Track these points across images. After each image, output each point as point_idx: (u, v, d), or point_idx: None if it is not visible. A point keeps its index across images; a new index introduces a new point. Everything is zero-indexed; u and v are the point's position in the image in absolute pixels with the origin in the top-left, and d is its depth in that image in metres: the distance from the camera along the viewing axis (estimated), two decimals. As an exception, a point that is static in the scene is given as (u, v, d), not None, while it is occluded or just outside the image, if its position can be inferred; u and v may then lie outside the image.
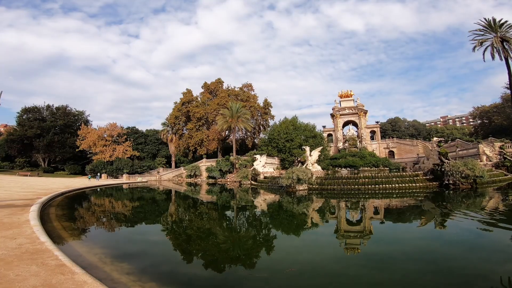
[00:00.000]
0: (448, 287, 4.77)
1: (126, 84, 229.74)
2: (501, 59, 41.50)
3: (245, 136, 66.10)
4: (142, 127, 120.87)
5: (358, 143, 55.41)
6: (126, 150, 66.74)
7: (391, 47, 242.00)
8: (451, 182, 19.92)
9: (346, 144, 55.23)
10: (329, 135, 63.67)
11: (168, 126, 67.01)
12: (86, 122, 75.87)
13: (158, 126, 78.05)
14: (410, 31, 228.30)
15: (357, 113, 60.01)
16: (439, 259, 6.18)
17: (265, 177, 35.43)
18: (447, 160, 21.49)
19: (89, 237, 9.72)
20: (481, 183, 20.03)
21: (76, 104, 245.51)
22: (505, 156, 30.65)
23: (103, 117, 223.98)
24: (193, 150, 61.73)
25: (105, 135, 66.83)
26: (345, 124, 62.77)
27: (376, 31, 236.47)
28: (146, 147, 73.98)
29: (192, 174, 52.65)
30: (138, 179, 56.34)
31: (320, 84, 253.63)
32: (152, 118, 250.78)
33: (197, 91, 68.02)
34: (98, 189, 34.24)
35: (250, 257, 7.19)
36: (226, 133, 63.51)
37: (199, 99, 65.39)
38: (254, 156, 42.74)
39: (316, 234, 9.68)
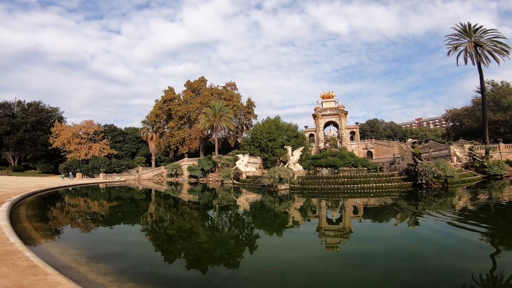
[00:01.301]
0: (424, 285, 4.98)
1: (104, 80, 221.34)
2: (473, 63, 42.95)
3: (228, 135, 65.81)
4: (121, 125, 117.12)
5: (339, 144, 56.82)
6: (103, 149, 64.36)
7: (373, 50, 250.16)
8: (424, 181, 20.88)
9: (327, 144, 56.47)
10: (311, 135, 64.79)
11: (148, 124, 65.35)
12: (60, 119, 72.43)
13: (138, 124, 76.01)
14: (392, 34, 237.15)
15: (338, 114, 61.49)
16: (414, 257, 6.46)
17: (247, 177, 35.47)
18: (420, 161, 22.50)
19: (62, 238, 9.33)
20: (452, 182, 21.19)
21: (51, 100, 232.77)
22: (474, 157, 32.59)
23: (79, 114, 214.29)
24: (175, 149, 60.62)
25: (81, 133, 64.09)
26: (327, 124, 64.13)
27: (359, 33, 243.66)
28: (124, 146, 71.75)
29: (173, 173, 51.70)
30: (116, 178, 54.53)
31: (304, 84, 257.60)
32: (132, 116, 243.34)
33: (179, 89, 66.92)
34: (71, 189, 32.81)
35: (234, 256, 7.19)
36: (209, 132, 62.90)
37: (181, 97, 64.30)
38: (237, 155, 42.65)
39: (298, 233, 9.84)
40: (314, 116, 63.93)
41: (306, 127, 65.44)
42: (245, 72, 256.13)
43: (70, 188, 33.39)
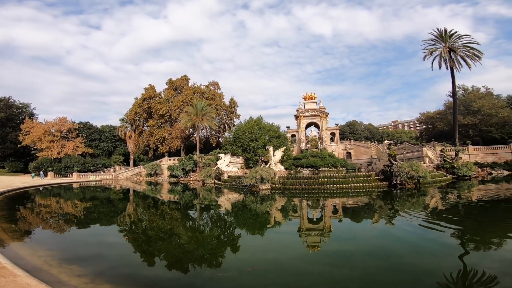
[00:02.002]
0: (401, 282, 5.21)
1: (81, 76, 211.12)
2: (447, 68, 44.29)
3: (210, 135, 65.16)
4: (98, 123, 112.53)
5: (319, 144, 57.97)
6: (77, 147, 61.52)
7: (354, 53, 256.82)
8: (398, 182, 21.78)
9: (308, 145, 57.44)
10: (293, 135, 65.61)
11: (127, 122, 63.29)
12: (32, 116, 68.48)
13: (115, 122, 73.45)
14: (373, 37, 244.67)
15: (319, 115, 62.70)
16: (391, 256, 6.73)
17: (229, 176, 35.32)
18: (395, 162, 23.45)
19: (33, 239, 8.89)
20: (424, 183, 22.28)
21: (22, 96, 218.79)
22: (445, 158, 34.46)
23: (52, 111, 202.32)
24: (154, 148, 59.15)
25: (53, 130, 60.83)
26: (308, 125, 65.20)
27: (343, 36, 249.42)
28: (101, 144, 69.01)
29: (152, 172, 50.42)
30: (91, 178, 52.34)
31: (287, 85, 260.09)
32: (109, 113, 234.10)
33: (161, 87, 65.36)
34: (41, 189, 31.19)
35: (216, 257, 7.16)
36: (190, 131, 61.94)
37: (162, 95, 62.85)
38: (218, 155, 42.32)
39: (280, 233, 9.95)
40: (296, 117, 64.80)
41: (288, 127, 66.18)
42: (229, 72, 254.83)
43: (41, 188, 31.67)
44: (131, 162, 63.98)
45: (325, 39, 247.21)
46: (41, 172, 51.83)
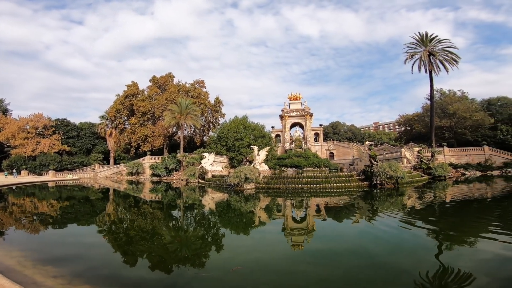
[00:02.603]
0: (382, 280, 5.38)
1: (59, 72, 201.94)
2: (426, 72, 45.48)
3: (194, 134, 64.32)
4: (76, 120, 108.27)
5: (303, 144, 58.70)
6: (54, 144, 58.83)
7: (340, 54, 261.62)
8: (378, 182, 22.48)
9: (293, 145, 57.99)
10: (277, 135, 66.05)
11: (107, 119, 61.27)
12: (5, 111, 64.98)
13: (95, 119, 70.62)
14: (358, 40, 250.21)
15: (303, 116, 63.49)
16: (372, 254, 6.93)
17: (213, 176, 35.07)
18: (376, 162, 24.19)
19: (5, 239, 8.52)
20: (402, 183, 23.13)
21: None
22: (421, 159, 35.91)
23: (28, 106, 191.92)
24: (136, 146, 57.61)
25: (28, 127, 57.84)
26: (293, 125, 65.85)
27: (329, 38, 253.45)
28: (79, 142, 66.35)
29: (134, 171, 49.13)
30: (68, 177, 50.29)
31: (273, 85, 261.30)
32: (89, 110, 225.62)
33: (144, 84, 63.88)
34: (14, 188, 29.65)
35: (200, 257, 7.10)
36: (174, 130, 60.84)
37: (145, 92, 61.30)
38: (203, 154, 41.92)
39: (264, 232, 10.00)
40: (281, 117, 65.28)
41: (273, 127, 66.55)
42: (215, 70, 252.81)
43: (14, 187, 30.09)
44: (111, 160, 61.99)
45: (312, 40, 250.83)
46: (14, 171, 49.24)
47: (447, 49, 45.26)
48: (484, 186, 24.24)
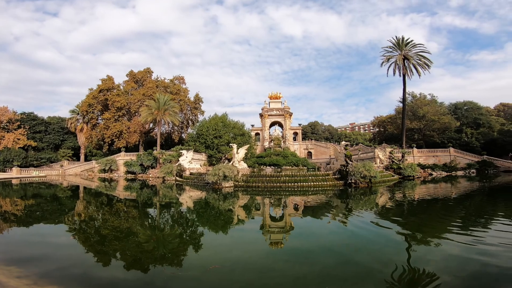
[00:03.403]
0: (356, 277, 5.58)
1: (28, 64, 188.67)
2: (400, 75, 47.14)
3: (172, 130, 62.86)
4: (45, 114, 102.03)
5: (282, 143, 59.30)
6: (18, 139, 55.09)
7: (321, 55, 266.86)
8: (353, 181, 23.28)
9: (272, 144, 58.39)
10: (257, 134, 66.24)
11: (78, 114, 58.28)
12: (-33, 105, 59.52)
13: (65, 114, 67.07)
14: (339, 42, 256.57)
15: (283, 115, 64.15)
16: (347, 251, 7.17)
17: (191, 173, 34.51)
18: (351, 162, 25.04)
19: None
20: (375, 182, 24.13)
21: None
22: (393, 160, 37.66)
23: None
24: (109, 142, 55.26)
25: (-11, 120, 53.63)
26: (272, 124, 66.30)
27: (312, 38, 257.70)
28: (47, 137, 62.52)
29: (106, 168, 47.12)
30: (34, 173, 47.24)
31: (254, 83, 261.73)
32: (59, 105, 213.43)
33: (120, 79, 61.60)
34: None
35: (178, 255, 6.97)
36: (151, 126, 59.09)
37: (121, 87, 58.89)
38: (180, 151, 41.06)
39: (243, 231, 10.02)
40: (261, 115, 65.53)
41: (252, 125, 66.62)
42: (197, 67, 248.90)
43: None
44: (82, 157, 59.10)
45: (295, 40, 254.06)
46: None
47: (420, 53, 46.89)
48: (449, 186, 25.91)
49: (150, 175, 42.96)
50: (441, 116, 54.32)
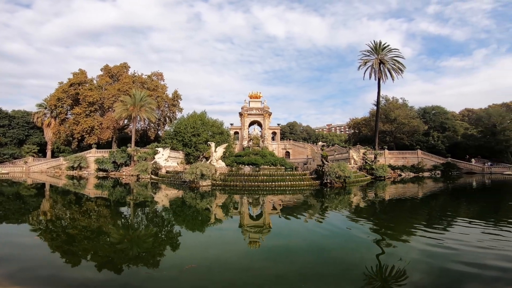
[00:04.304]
0: (334, 274, 5.71)
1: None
2: (375, 79, 48.76)
3: (148, 127, 60.94)
4: (9, 107, 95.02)
5: (261, 143, 59.68)
6: (-23, 133, 50.65)
7: (302, 57, 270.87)
8: (328, 181, 23.90)
9: (251, 143, 58.58)
10: (236, 132, 66.03)
11: (46, 108, 54.74)
12: None
13: (32, 108, 62.70)
14: (321, 44, 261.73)
15: (262, 114, 64.46)
16: (324, 249, 7.33)
17: (167, 172, 33.67)
18: (327, 162, 25.69)
19: None
20: (349, 182, 24.97)
21: None
22: (366, 161, 39.18)
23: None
24: (79, 138, 52.42)
25: None
26: (251, 123, 66.41)
27: (294, 39, 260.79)
28: (10, 131, 58.10)
29: (75, 165, 44.67)
30: (-6, 170, 43.70)
31: (235, 82, 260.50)
32: (26, 98, 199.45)
33: (95, 73, 58.54)
34: None
35: (153, 255, 6.77)
36: (125, 122, 56.84)
37: (94, 82, 56.06)
38: (157, 148, 39.91)
39: (222, 230, 9.95)
40: (241, 114, 65.42)
41: (231, 124, 66.30)
42: (177, 64, 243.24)
43: None
44: (48, 153, 55.59)
45: (278, 40, 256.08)
46: None
47: (395, 58, 48.64)
48: (416, 186, 27.45)
49: (124, 173, 41.36)
50: (411, 119, 57.22)
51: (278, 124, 73.41)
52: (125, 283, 5.10)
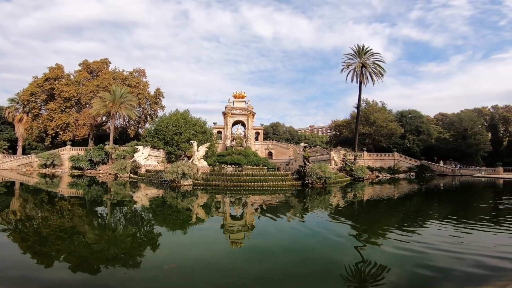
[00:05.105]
0: (315, 274, 5.78)
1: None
2: (357, 82, 49.89)
3: (128, 125, 59.15)
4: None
5: (244, 143, 59.64)
6: None
7: (288, 58, 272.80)
8: (310, 181, 24.31)
9: (234, 143, 58.38)
10: (219, 132, 65.62)
11: (18, 103, 51.93)
12: None
13: (3, 102, 59.11)
14: (306, 46, 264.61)
15: (246, 114, 64.48)
16: (305, 249, 7.42)
17: (147, 171, 32.85)
18: (308, 163, 26.11)
19: None
20: (330, 183, 25.52)
21: None
22: (346, 162, 40.21)
23: None
24: (53, 134, 49.97)
25: None
26: (235, 123, 66.24)
27: (281, 40, 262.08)
28: (-24, 126, 54.48)
29: (48, 163, 42.53)
30: (-43, 167, 40.73)
31: (220, 81, 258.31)
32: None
33: (73, 68, 56.00)
34: None
35: (132, 256, 6.59)
36: (103, 119, 54.85)
37: (72, 77, 53.68)
38: (136, 147, 38.81)
39: (203, 230, 9.85)
40: (224, 114, 65.08)
41: (215, 123, 65.83)
42: (161, 61, 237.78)
43: None
44: (19, 150, 52.70)
45: (265, 41, 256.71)
46: None
47: (377, 62, 49.91)
48: (392, 187, 28.52)
49: (101, 171, 39.90)
50: (389, 122, 59.39)
51: (262, 125, 73.76)
52: (102, 283, 4.93)
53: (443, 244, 7.66)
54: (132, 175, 32.66)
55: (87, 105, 51.22)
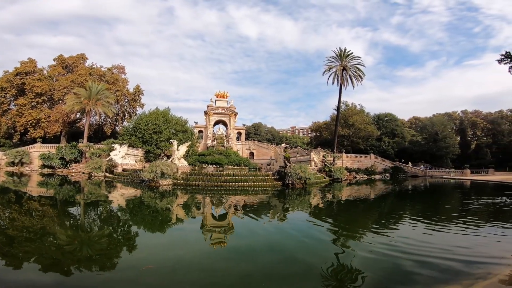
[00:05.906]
0: (296, 274, 5.80)
1: None
2: (337, 84, 50.78)
3: (104, 122, 56.97)
4: None
5: (225, 142, 59.22)
6: None
7: (272, 59, 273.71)
8: (290, 182, 24.57)
9: (215, 142, 57.78)
10: (200, 131, 64.75)
11: (-15, 98, 48.35)
12: None
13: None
14: (291, 47, 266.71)
15: (228, 114, 64.09)
16: (286, 249, 7.45)
17: (124, 170, 31.77)
18: (289, 164, 26.42)
19: None
20: (309, 183, 25.94)
21: None
22: (325, 163, 41.10)
23: None
24: (22, 131, 47.15)
25: None
26: (217, 122, 65.63)
27: (266, 41, 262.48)
28: None
29: (16, 161, 40.03)
30: None
31: (202, 80, 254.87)
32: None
33: (47, 63, 53.09)
34: None
35: (108, 257, 6.33)
36: (77, 116, 52.48)
37: (45, 72, 50.84)
38: (113, 145, 37.42)
39: (183, 230, 9.67)
40: (206, 113, 64.32)
41: (196, 123, 64.85)
42: (142, 58, 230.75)
43: None
44: (-16, 146, 49.01)
45: (250, 41, 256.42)
46: None
47: (357, 65, 51.19)
48: (369, 188, 29.55)
49: (73, 170, 38.07)
50: (366, 125, 61.43)
51: (244, 125, 73.64)
52: (76, 285, 4.69)
53: (417, 241, 8.03)
54: (108, 174, 31.45)
55: (60, 101, 48.79)
